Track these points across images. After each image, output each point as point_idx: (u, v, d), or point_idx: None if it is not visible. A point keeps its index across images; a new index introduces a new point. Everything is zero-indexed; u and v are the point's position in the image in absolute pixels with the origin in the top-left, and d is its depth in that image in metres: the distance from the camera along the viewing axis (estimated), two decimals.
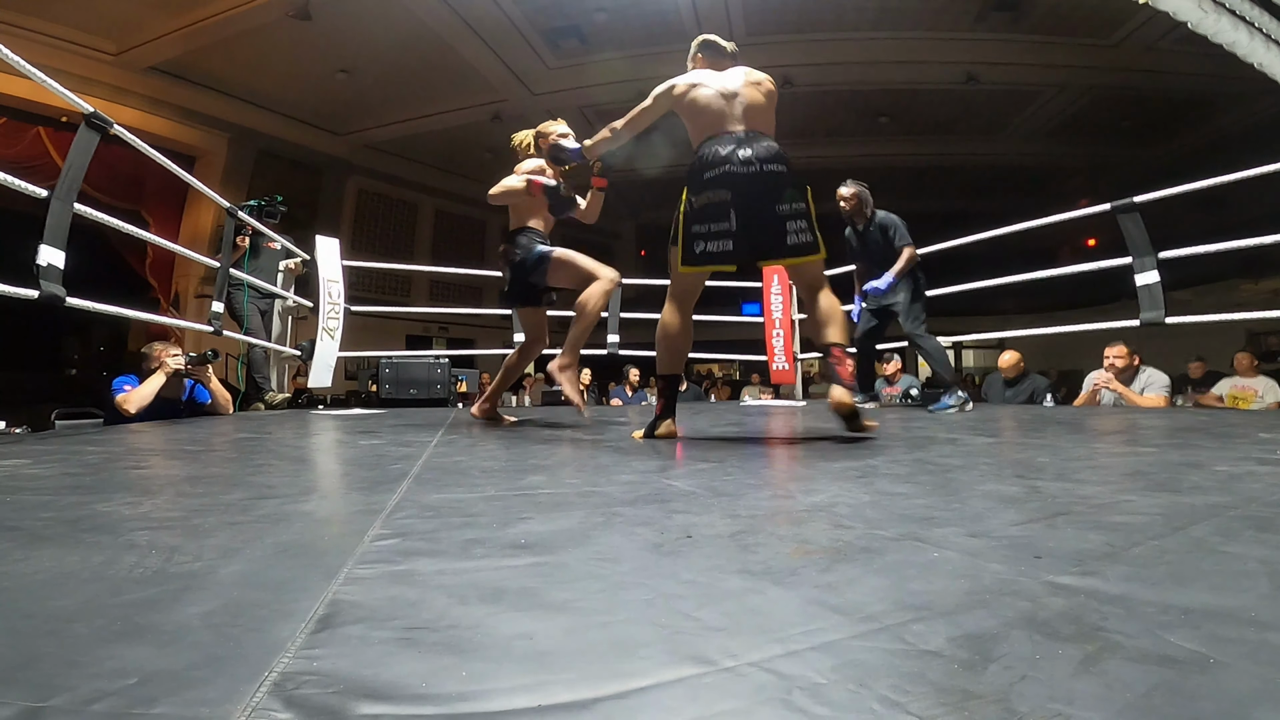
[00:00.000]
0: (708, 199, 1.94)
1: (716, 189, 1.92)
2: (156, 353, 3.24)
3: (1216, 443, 1.68)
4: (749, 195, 1.92)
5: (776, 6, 8.08)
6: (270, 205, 4.64)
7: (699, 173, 1.96)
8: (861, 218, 4.03)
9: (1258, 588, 0.58)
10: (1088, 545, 0.72)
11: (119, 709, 0.39)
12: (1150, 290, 3.52)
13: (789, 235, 1.94)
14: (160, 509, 1.00)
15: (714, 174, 1.93)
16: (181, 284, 9.99)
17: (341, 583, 0.62)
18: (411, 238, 13.11)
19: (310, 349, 4.69)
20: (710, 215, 1.94)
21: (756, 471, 1.41)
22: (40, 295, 2.38)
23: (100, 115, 2.64)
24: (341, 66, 9.23)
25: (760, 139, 1.96)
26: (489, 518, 0.91)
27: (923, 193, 13.41)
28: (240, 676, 0.43)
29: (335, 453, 1.94)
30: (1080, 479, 1.18)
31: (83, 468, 1.46)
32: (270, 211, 4.65)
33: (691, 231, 1.97)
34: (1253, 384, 4.65)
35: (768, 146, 1.95)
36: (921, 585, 0.60)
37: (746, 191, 1.91)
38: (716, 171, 1.92)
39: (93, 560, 0.70)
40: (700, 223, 1.96)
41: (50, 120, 8.05)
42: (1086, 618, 0.51)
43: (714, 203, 1.93)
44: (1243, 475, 1.16)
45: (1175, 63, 8.58)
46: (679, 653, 0.46)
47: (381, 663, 0.45)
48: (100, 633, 0.51)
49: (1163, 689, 0.40)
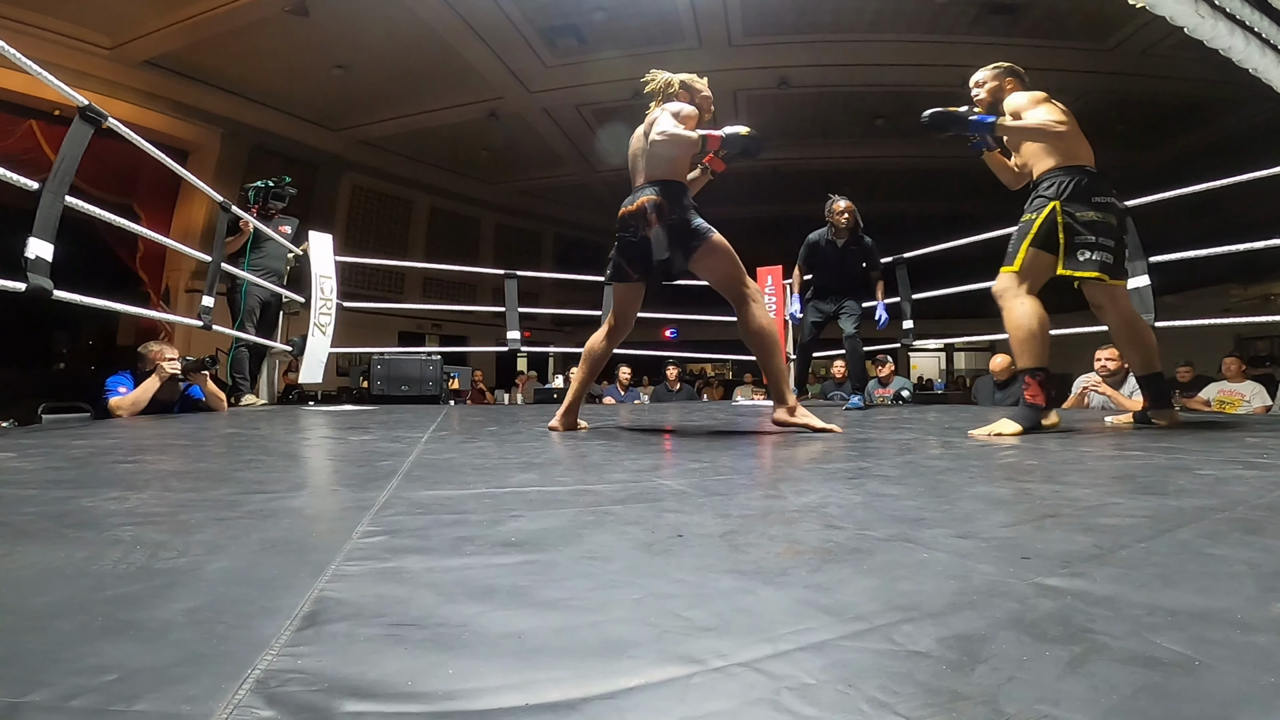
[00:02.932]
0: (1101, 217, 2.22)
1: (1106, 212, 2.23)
2: (153, 355, 3.20)
3: (1203, 446, 1.70)
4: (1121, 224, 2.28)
5: (775, 7, 8.09)
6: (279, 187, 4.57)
7: (1088, 194, 2.22)
8: (850, 233, 4.18)
9: (1244, 590, 0.58)
10: (1076, 547, 0.72)
11: (99, 705, 0.39)
12: (1140, 294, 3.54)
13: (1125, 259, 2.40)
14: (146, 504, 0.99)
15: (1102, 200, 2.23)
16: (172, 278, 9.93)
17: (328, 579, 0.62)
18: (406, 234, 13.07)
19: (302, 345, 4.66)
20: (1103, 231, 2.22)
21: (748, 471, 1.41)
22: (28, 288, 2.36)
23: (95, 108, 2.62)
24: (338, 62, 9.19)
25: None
26: (479, 515, 0.91)
27: (918, 195, 13.49)
28: (223, 674, 0.43)
29: (325, 449, 1.93)
30: (1069, 481, 1.19)
31: (68, 462, 1.45)
32: (278, 194, 4.57)
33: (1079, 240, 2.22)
34: (1240, 389, 4.70)
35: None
36: (911, 586, 0.60)
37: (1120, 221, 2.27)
38: (1104, 199, 2.23)
39: (76, 556, 0.70)
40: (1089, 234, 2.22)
41: (43, 114, 7.98)
42: (1074, 619, 0.51)
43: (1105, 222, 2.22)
44: (1229, 479, 1.17)
45: (1170, 68, 8.65)
46: (668, 652, 0.46)
47: (367, 660, 0.45)
48: (83, 629, 0.50)
49: (1149, 691, 0.40)
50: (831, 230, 4.20)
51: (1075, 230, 2.20)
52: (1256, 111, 8.77)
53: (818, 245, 4.27)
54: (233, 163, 10.16)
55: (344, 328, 5.00)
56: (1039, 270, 2.27)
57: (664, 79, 2.45)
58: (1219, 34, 1.64)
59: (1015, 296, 2.25)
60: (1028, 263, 2.26)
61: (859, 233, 4.19)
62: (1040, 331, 2.21)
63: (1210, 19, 1.61)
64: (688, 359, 6.67)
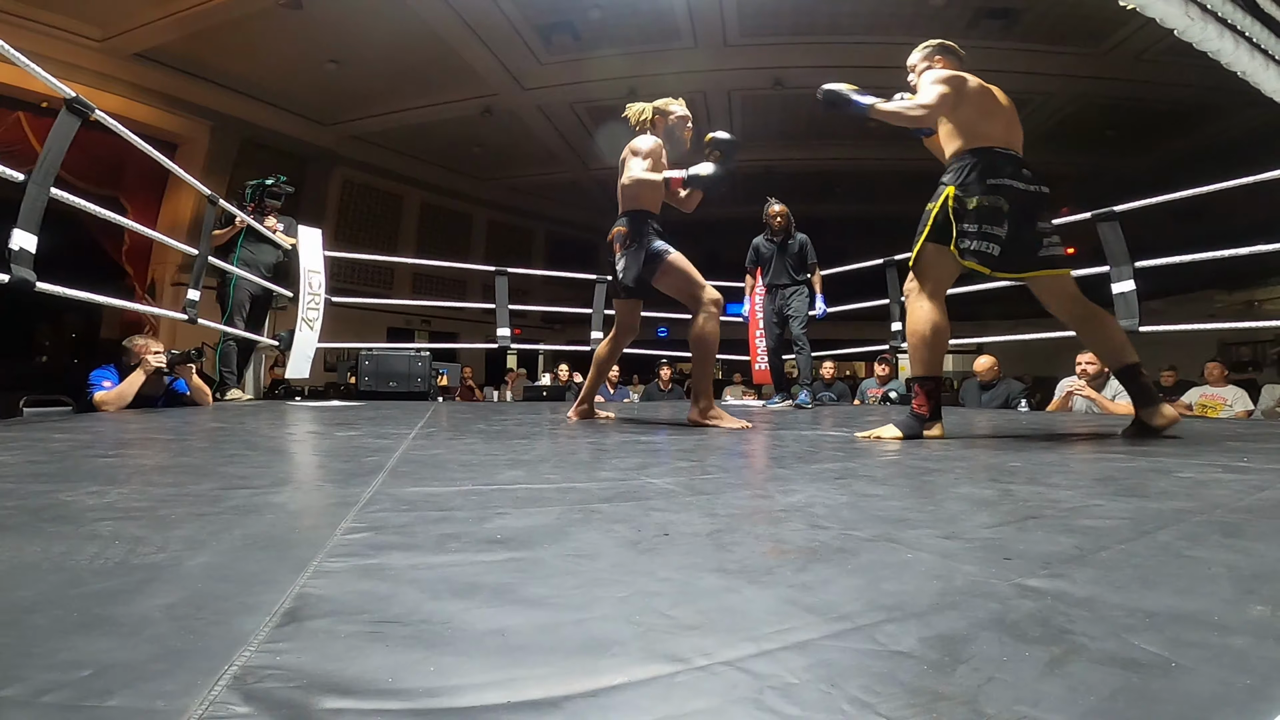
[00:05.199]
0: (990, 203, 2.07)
1: (996, 195, 2.07)
2: (138, 348, 3.15)
3: (1184, 449, 1.72)
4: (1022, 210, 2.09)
5: (771, 8, 8.10)
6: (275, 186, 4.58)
7: (983, 176, 2.08)
8: (786, 233, 4.67)
9: (1221, 592, 0.59)
10: (1057, 548, 0.73)
11: (72, 700, 0.38)
12: (1126, 299, 3.58)
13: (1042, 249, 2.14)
14: (126, 499, 0.98)
15: (998, 183, 2.07)
16: (158, 271, 9.83)
17: (310, 576, 0.61)
18: (396, 230, 13.00)
19: (289, 339, 4.63)
20: (988, 218, 2.07)
21: (735, 471, 1.42)
22: (10, 280, 2.33)
23: (81, 100, 2.58)
24: (331, 57, 9.13)
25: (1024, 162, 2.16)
26: (465, 512, 0.90)
27: (911, 197, 13.49)
28: (200, 670, 0.42)
29: (310, 444, 1.91)
30: (1051, 483, 1.20)
31: (48, 455, 1.43)
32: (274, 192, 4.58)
33: (963, 228, 2.08)
34: (1222, 393, 4.76)
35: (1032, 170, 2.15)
36: (895, 586, 0.60)
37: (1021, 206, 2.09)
38: (1002, 182, 2.07)
39: (53, 550, 0.69)
40: (973, 223, 2.07)
41: (30, 105, 7.89)
42: (1054, 620, 0.51)
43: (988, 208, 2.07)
44: (1209, 482, 1.19)
45: (1162, 73, 8.74)
46: (652, 651, 0.46)
47: (348, 657, 0.44)
48: (58, 624, 0.49)
49: (1126, 692, 0.40)
50: (768, 232, 4.74)
51: (962, 216, 2.07)
52: (1246, 118, 8.89)
53: (759, 247, 4.80)
54: (222, 156, 10.06)
55: (332, 323, 4.97)
56: (941, 266, 2.14)
57: (637, 112, 2.69)
58: (1208, 36, 1.65)
59: (915, 299, 2.15)
60: (927, 259, 2.14)
61: (792, 232, 4.66)
62: (932, 339, 2.12)
63: (1200, 21, 1.63)
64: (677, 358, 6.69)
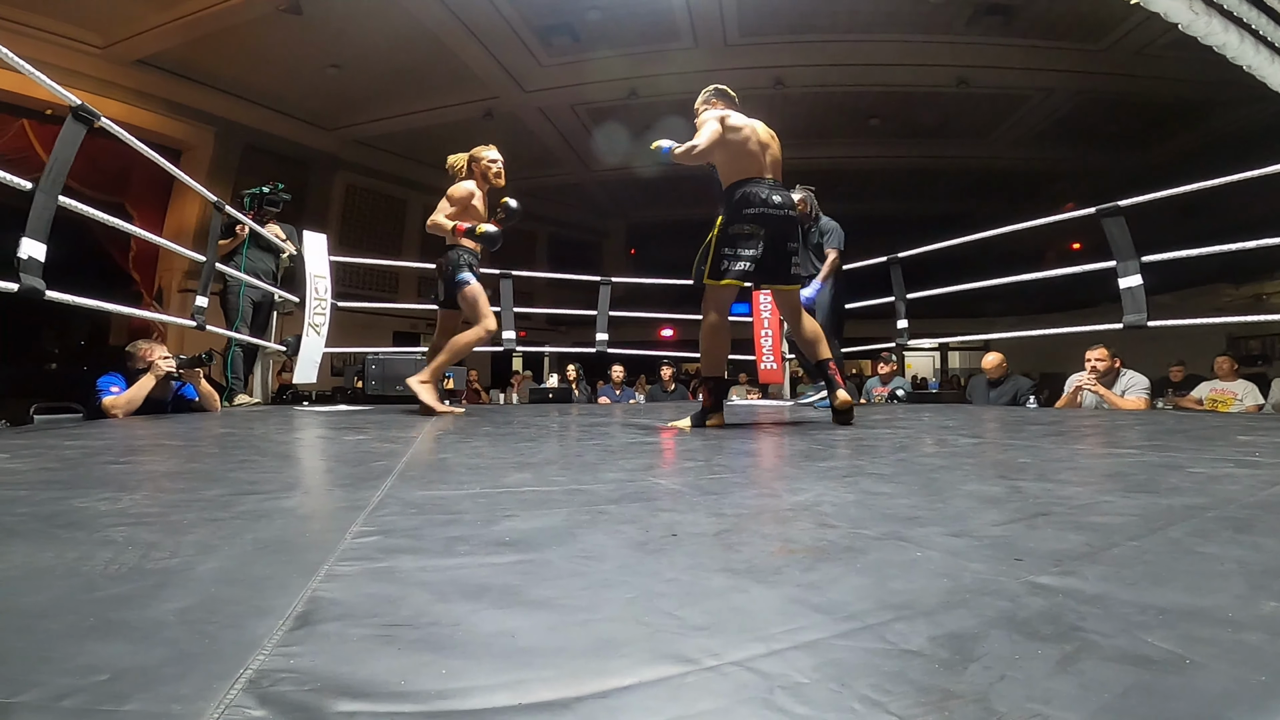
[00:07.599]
0: (742, 230, 2.38)
1: (754, 224, 2.38)
2: (142, 352, 3.14)
3: (1195, 445, 1.71)
4: (778, 231, 2.42)
5: (770, 8, 8.09)
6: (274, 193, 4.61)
7: (740, 207, 2.39)
8: (808, 219, 4.56)
9: (1233, 588, 0.58)
10: (1067, 545, 0.72)
11: (89, 705, 0.39)
12: (1133, 293, 3.56)
13: (792, 267, 2.50)
14: (138, 504, 0.99)
15: (754, 212, 2.38)
16: (165, 278, 9.86)
17: (321, 580, 0.62)
18: (400, 234, 13.00)
19: (296, 344, 4.65)
20: (745, 243, 2.39)
21: (742, 470, 1.42)
22: (20, 288, 2.35)
23: (87, 108, 2.60)
24: (332, 61, 9.15)
25: (782, 188, 2.48)
26: (473, 515, 0.90)
27: (912, 195, 13.51)
28: (214, 673, 0.42)
29: (319, 449, 1.92)
30: (1061, 480, 1.19)
31: (60, 463, 1.44)
32: (273, 200, 4.61)
33: (723, 252, 2.41)
34: (1232, 387, 4.73)
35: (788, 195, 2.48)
36: (903, 584, 0.60)
37: (776, 230, 2.41)
38: (756, 211, 2.38)
39: (67, 556, 0.69)
40: (732, 247, 2.39)
41: (35, 113, 7.93)
42: (1065, 617, 0.51)
43: (747, 234, 2.38)
44: (1220, 477, 1.18)
45: (1164, 68, 8.67)
46: (661, 651, 0.46)
47: (359, 660, 0.45)
48: (73, 629, 0.50)
49: (1138, 689, 0.40)
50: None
51: (723, 242, 2.40)
52: (1249, 112, 8.82)
53: None
54: (226, 162, 10.09)
55: (338, 328, 4.98)
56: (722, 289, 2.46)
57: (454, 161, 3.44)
58: (1213, 30, 1.64)
59: (707, 309, 2.47)
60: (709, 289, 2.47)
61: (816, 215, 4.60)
62: (716, 346, 2.49)
63: (1204, 15, 1.62)
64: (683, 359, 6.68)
